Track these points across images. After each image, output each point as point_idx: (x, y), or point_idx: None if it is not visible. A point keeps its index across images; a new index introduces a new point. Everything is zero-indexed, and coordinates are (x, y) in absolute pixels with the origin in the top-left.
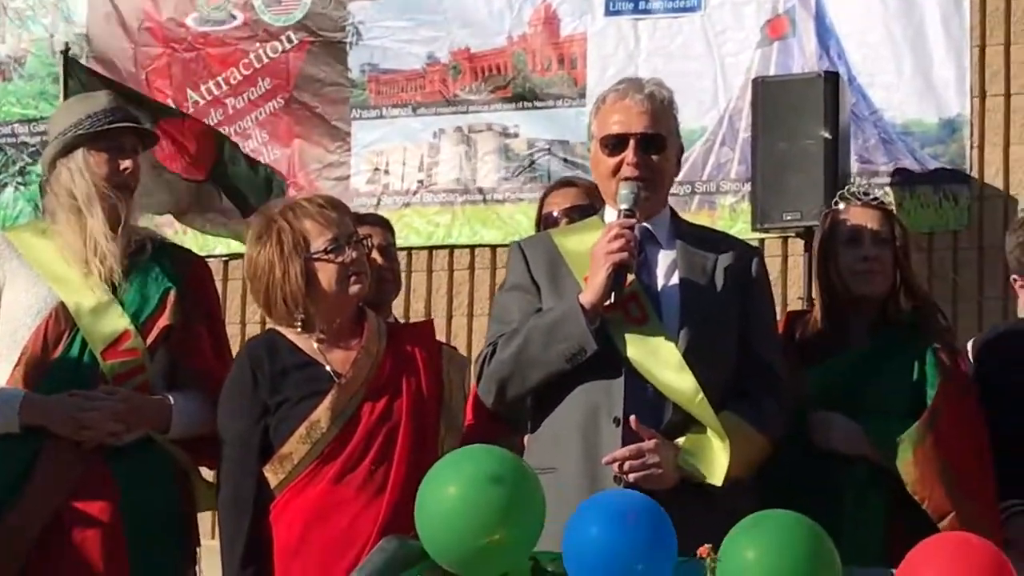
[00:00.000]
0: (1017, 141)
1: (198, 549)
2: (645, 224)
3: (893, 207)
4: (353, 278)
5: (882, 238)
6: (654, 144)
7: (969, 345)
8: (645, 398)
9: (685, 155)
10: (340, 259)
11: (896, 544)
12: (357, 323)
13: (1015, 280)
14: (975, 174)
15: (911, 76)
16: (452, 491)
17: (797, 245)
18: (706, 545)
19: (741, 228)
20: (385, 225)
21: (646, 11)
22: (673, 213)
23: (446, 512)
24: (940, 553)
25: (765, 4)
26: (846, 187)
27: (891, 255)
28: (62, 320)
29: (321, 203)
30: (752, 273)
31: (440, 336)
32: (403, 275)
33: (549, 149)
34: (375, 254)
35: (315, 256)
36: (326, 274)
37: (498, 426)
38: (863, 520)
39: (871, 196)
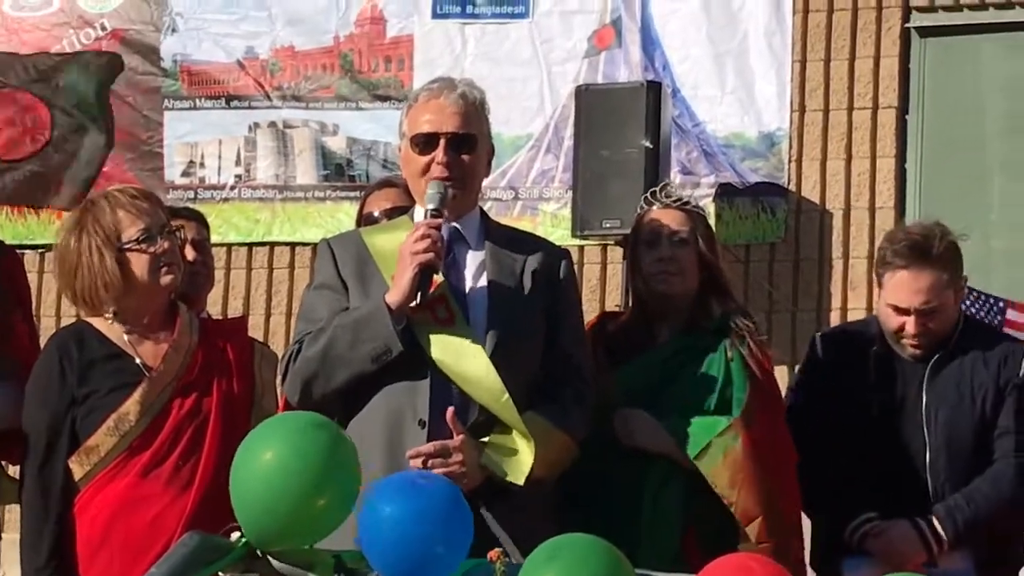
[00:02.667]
0: (835, 156)
1: None
2: (454, 224)
3: (701, 209)
4: (164, 269)
5: (681, 239)
6: (465, 144)
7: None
8: (450, 399)
9: (510, 161)
10: (152, 249)
11: (691, 540)
12: (169, 316)
13: None
14: (793, 188)
15: (733, 89)
16: (269, 456)
17: (616, 253)
18: (496, 550)
19: (562, 235)
20: (199, 219)
21: (474, 15)
22: (483, 213)
23: (264, 475)
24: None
25: (592, 14)
26: (655, 188)
27: (692, 256)
28: None
29: (133, 193)
30: (560, 275)
31: (258, 334)
32: (222, 272)
33: (370, 150)
34: (188, 248)
35: (127, 246)
36: (138, 264)
37: None
38: (660, 515)
39: (674, 197)
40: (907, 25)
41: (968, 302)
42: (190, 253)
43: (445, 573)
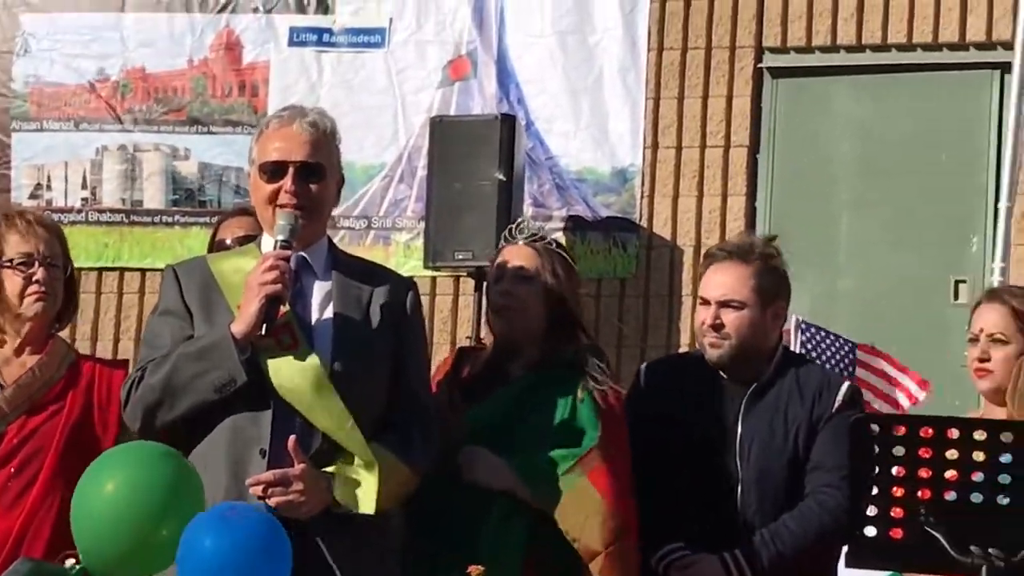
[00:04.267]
0: (686, 193)
1: None
2: (302, 253)
3: (557, 245)
4: (33, 296)
5: (525, 276)
6: (314, 173)
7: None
8: (293, 428)
9: (363, 190)
10: (27, 272)
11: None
12: (44, 344)
13: None
14: (644, 223)
15: (587, 124)
16: (111, 484)
17: (468, 284)
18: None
19: (414, 265)
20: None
21: (330, 44)
22: (330, 243)
23: (105, 503)
24: None
25: (448, 45)
26: (511, 225)
27: (535, 293)
28: None
29: (36, 219)
30: (407, 307)
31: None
32: None
33: (221, 175)
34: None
35: (4, 263)
36: (10, 284)
37: None
38: (502, 551)
39: (526, 234)
40: (760, 65)
41: (818, 339)
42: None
43: None
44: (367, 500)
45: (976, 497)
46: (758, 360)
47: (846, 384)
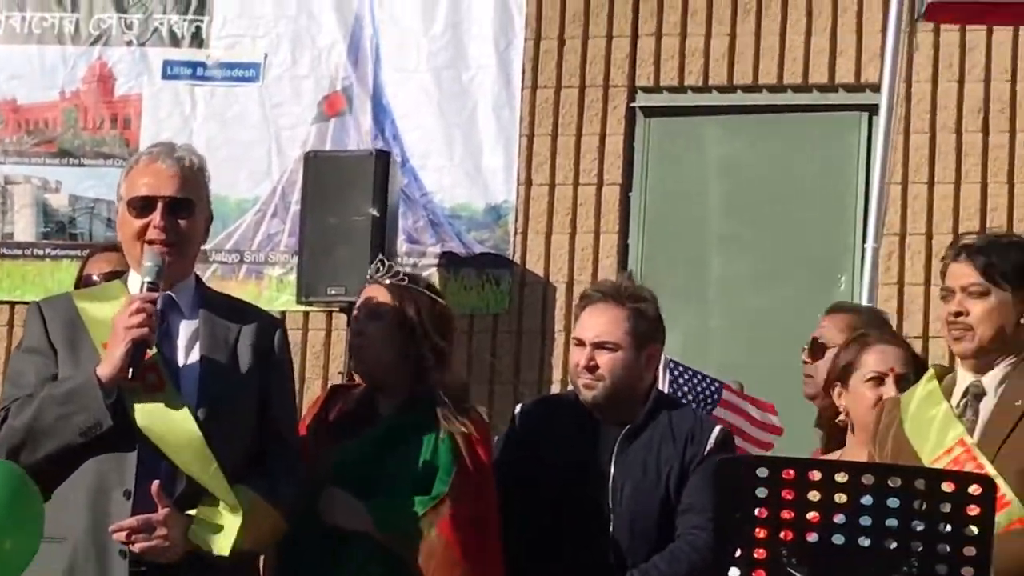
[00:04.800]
0: (559, 230)
1: None
2: (169, 293)
3: (412, 283)
4: None
5: (376, 313)
6: (182, 208)
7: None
8: (158, 470)
9: (237, 223)
10: None
11: None
12: None
13: None
14: (518, 259)
15: (461, 161)
16: None
17: (341, 319)
18: None
19: (287, 300)
20: None
21: (204, 78)
22: (198, 280)
23: None
24: None
25: (323, 80)
26: (376, 263)
27: (387, 332)
28: None
29: None
30: (274, 346)
31: None
32: None
33: (93, 208)
34: None
35: None
36: None
37: None
38: None
39: (384, 273)
40: (632, 104)
41: (685, 378)
42: None
43: None
44: (224, 542)
45: (838, 539)
46: (631, 402)
47: (718, 428)
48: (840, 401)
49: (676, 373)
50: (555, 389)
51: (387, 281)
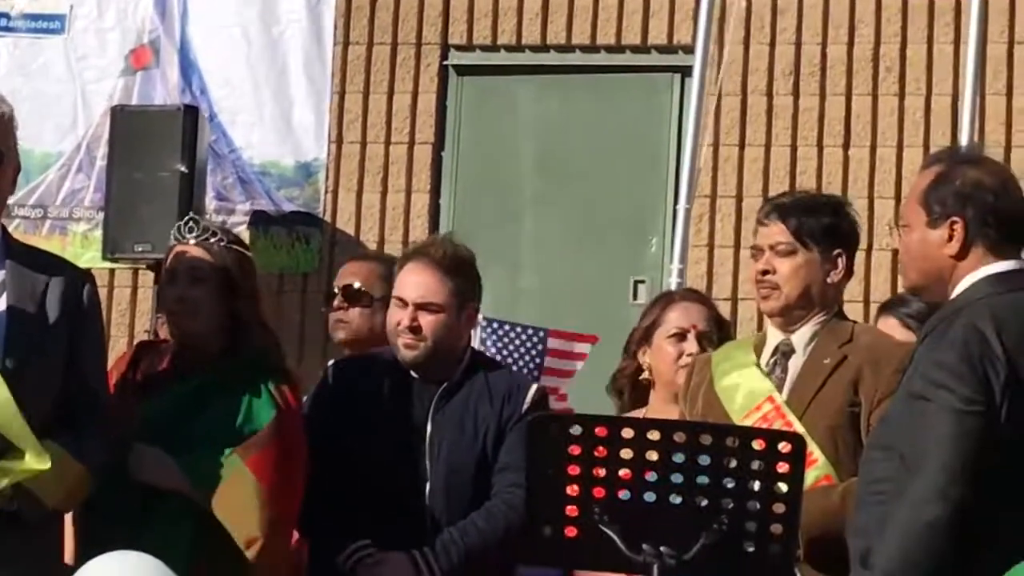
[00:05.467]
0: (371, 189)
1: None
2: None
3: (227, 240)
4: None
5: (198, 276)
6: None
7: None
8: None
9: (41, 178)
10: None
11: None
12: None
13: None
14: (328, 218)
15: (272, 117)
16: None
17: (148, 277)
18: None
19: (93, 256)
20: None
21: (8, 28)
22: (4, 231)
23: None
24: None
25: (130, 33)
26: (180, 223)
27: (211, 293)
28: None
29: None
30: (84, 299)
31: None
32: None
33: None
34: None
35: None
36: None
37: None
38: (168, 550)
39: (198, 232)
40: (445, 63)
41: (501, 333)
42: None
43: None
44: (38, 496)
45: (649, 496)
46: (449, 361)
47: (534, 386)
48: (644, 359)
49: (491, 330)
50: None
51: (200, 241)
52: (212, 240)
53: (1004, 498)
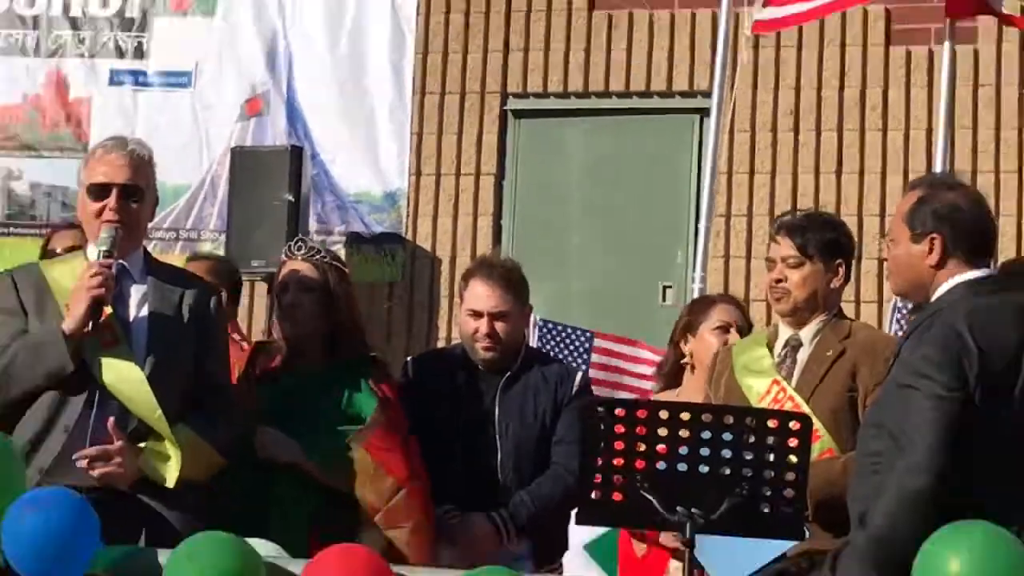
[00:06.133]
0: (444, 213)
1: None
2: (122, 261)
3: (329, 258)
4: None
5: (307, 286)
6: (133, 194)
7: None
8: (113, 410)
9: (173, 206)
10: None
11: (316, 535)
12: None
13: None
14: (410, 237)
15: (362, 155)
16: None
17: (262, 287)
18: None
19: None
20: None
21: (144, 84)
22: (146, 252)
23: None
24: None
25: (245, 85)
26: (291, 242)
27: (317, 301)
28: None
29: None
30: (211, 308)
31: None
32: None
33: (50, 193)
34: None
35: None
36: None
37: None
38: (289, 516)
39: (306, 250)
40: (504, 108)
41: (555, 332)
42: None
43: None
44: (171, 474)
45: (682, 467)
46: (510, 355)
47: (579, 374)
48: (687, 348)
49: (546, 330)
50: (441, 344)
51: (307, 257)
52: (316, 257)
53: (977, 471)
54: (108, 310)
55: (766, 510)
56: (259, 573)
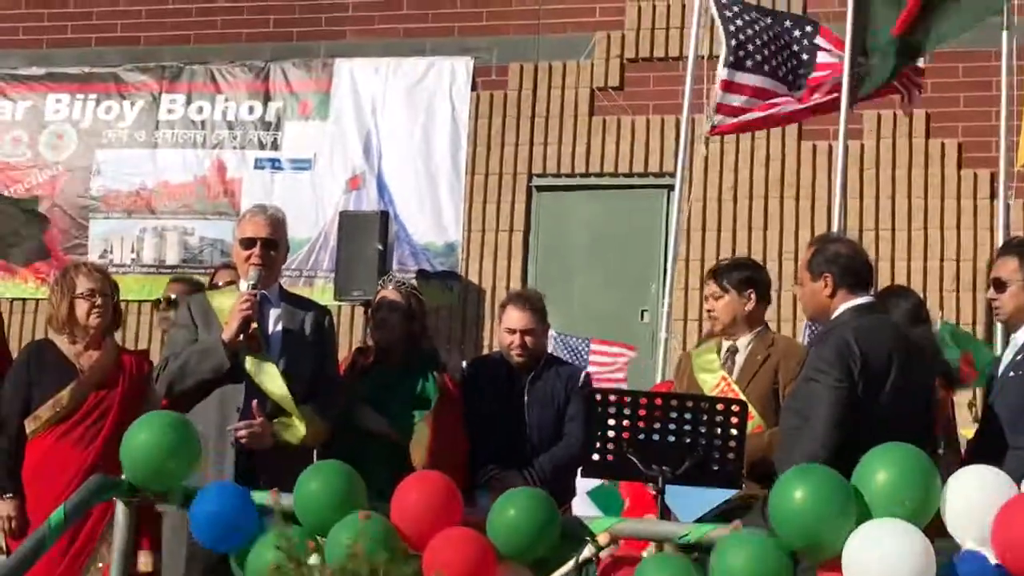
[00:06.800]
0: (488, 258)
1: None
2: (264, 292)
3: (409, 288)
4: (94, 315)
5: (393, 308)
6: (271, 245)
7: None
8: (256, 395)
9: (298, 253)
10: (90, 301)
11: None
12: (100, 344)
13: None
14: (463, 275)
15: (430, 216)
16: (143, 435)
17: (359, 310)
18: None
19: (328, 298)
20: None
21: (278, 167)
22: (280, 286)
23: (140, 445)
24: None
25: (348, 168)
26: (383, 278)
27: (400, 317)
28: None
29: (92, 268)
30: (326, 325)
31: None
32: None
33: (213, 244)
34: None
35: (76, 295)
36: (80, 308)
37: None
38: (379, 472)
39: (393, 282)
40: (530, 184)
41: (566, 340)
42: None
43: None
44: (297, 438)
45: (655, 437)
46: (535, 359)
47: (583, 373)
48: None
49: (560, 340)
50: (485, 351)
51: (395, 287)
52: (401, 287)
53: (862, 440)
54: (254, 326)
55: (715, 468)
56: (362, 490)
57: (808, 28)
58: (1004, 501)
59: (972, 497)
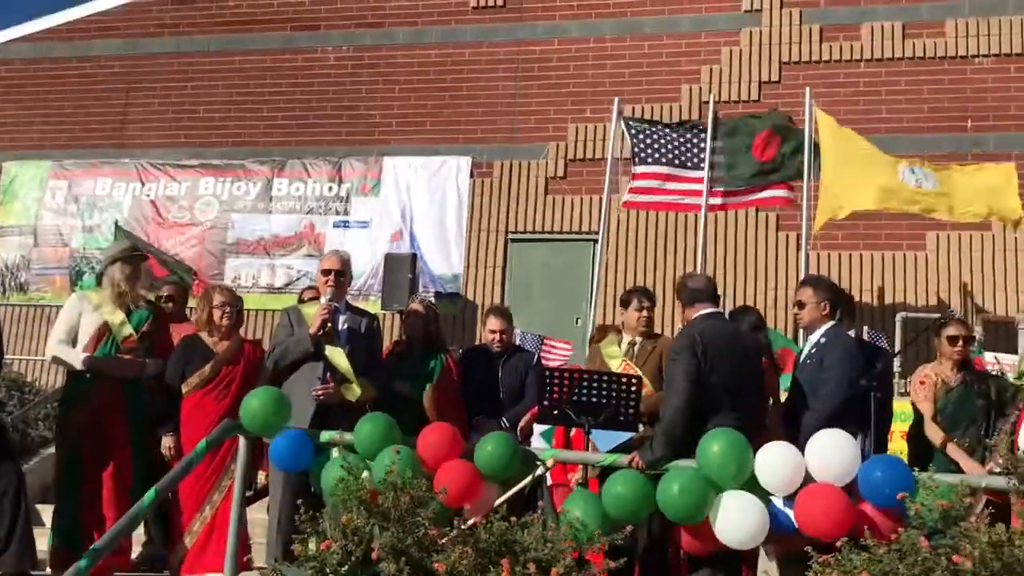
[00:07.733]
0: (479, 285)
1: None
2: (336, 304)
3: (428, 303)
4: (224, 317)
5: (418, 315)
6: (341, 274)
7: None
8: (331, 370)
9: (358, 280)
10: (223, 311)
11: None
12: (229, 337)
13: None
14: (464, 294)
15: (442, 257)
16: (255, 400)
17: (397, 317)
18: None
19: (376, 308)
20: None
21: (346, 225)
22: (347, 300)
23: (255, 405)
24: (431, 428)
25: (392, 227)
26: (412, 295)
27: (422, 322)
28: (104, 328)
29: (224, 288)
30: (374, 326)
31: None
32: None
33: (307, 274)
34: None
35: (214, 306)
36: (218, 314)
37: None
38: (408, 417)
39: (420, 299)
40: (508, 238)
41: (527, 337)
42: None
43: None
44: (354, 397)
45: (583, 398)
46: (507, 348)
47: (535, 357)
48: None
49: (522, 337)
50: (476, 343)
51: (420, 302)
52: (424, 302)
53: (704, 405)
54: (329, 326)
55: (622, 418)
56: (397, 432)
57: (697, 128)
58: (795, 467)
59: (775, 464)
